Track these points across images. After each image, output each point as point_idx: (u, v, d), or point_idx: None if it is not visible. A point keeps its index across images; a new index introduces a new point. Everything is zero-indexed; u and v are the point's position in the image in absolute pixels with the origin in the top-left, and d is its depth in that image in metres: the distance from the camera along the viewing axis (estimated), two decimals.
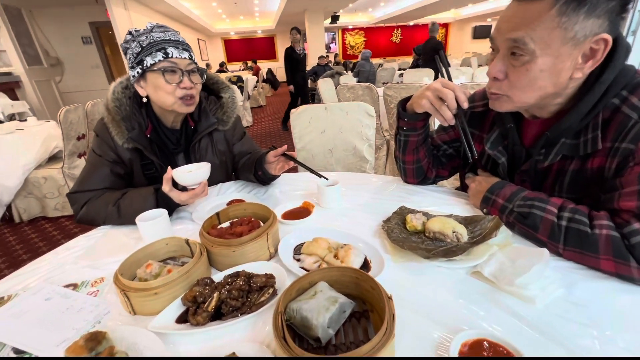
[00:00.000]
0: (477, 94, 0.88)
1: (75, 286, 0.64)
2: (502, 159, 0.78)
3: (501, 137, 0.79)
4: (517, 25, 0.58)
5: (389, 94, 2.51)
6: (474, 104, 0.87)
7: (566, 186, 0.69)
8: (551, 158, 0.68)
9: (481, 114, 0.86)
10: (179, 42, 0.89)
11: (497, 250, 0.61)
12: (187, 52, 0.90)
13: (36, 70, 5.75)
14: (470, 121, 0.88)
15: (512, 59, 0.61)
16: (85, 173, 0.92)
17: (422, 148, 0.91)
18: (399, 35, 16.52)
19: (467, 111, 0.88)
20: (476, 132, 0.87)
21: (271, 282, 0.56)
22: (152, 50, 0.85)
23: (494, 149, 0.79)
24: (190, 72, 0.91)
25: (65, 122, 2.53)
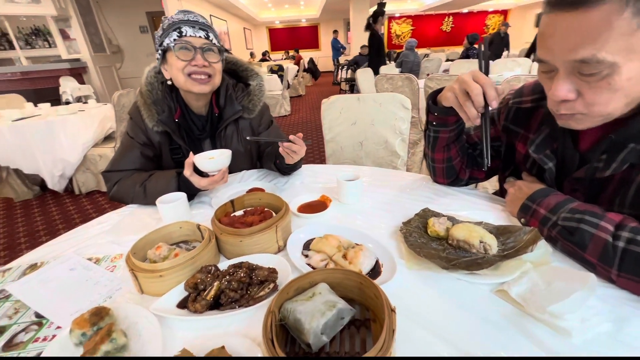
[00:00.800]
0: (525, 88, 0.77)
1: (97, 260, 0.68)
2: (550, 164, 0.67)
3: (550, 139, 0.68)
4: (580, 42, 0.47)
5: (430, 85, 2.35)
6: (521, 98, 0.77)
7: (630, 200, 0.57)
8: (615, 167, 0.56)
9: (528, 111, 0.75)
10: (197, 22, 0.90)
11: (530, 268, 0.53)
12: (204, 31, 0.90)
13: (100, 57, 6.31)
14: (515, 119, 0.78)
15: (582, 77, 0.50)
16: (118, 154, 0.97)
17: (455, 146, 0.82)
18: (450, 23, 15.44)
19: (513, 107, 0.78)
20: (520, 131, 0.77)
21: (273, 277, 0.54)
22: (169, 31, 0.87)
23: (540, 152, 0.68)
24: (205, 50, 0.90)
25: (118, 105, 2.75)
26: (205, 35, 0.90)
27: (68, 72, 5.49)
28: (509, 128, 0.79)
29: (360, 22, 9.94)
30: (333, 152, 1.63)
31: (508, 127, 0.80)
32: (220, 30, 9.48)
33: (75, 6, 5.67)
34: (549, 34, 0.51)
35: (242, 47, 12.24)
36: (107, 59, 6.56)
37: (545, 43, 0.52)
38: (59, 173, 2.77)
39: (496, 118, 0.83)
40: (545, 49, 0.52)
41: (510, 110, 0.78)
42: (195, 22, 0.89)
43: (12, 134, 2.58)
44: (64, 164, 2.76)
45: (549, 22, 0.51)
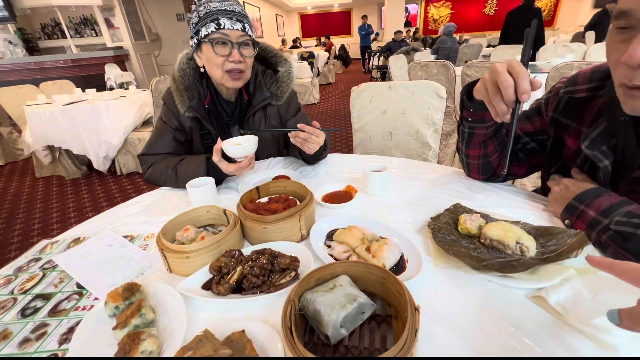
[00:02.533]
0: (581, 75, 0.69)
1: (132, 238, 0.72)
2: (605, 162, 0.60)
3: (608, 135, 0.60)
4: None
5: (468, 73, 2.21)
6: (575, 87, 0.69)
7: None
8: None
9: (583, 102, 0.67)
10: (234, 12, 0.88)
11: (574, 275, 0.48)
12: (241, 22, 0.89)
13: (140, 45, 6.61)
14: (566, 110, 0.70)
15: None
16: (153, 137, 1.01)
17: (492, 142, 0.76)
18: (494, 5, 14.30)
19: (564, 97, 0.70)
20: (572, 124, 0.69)
21: (294, 265, 0.54)
22: (207, 21, 0.86)
23: (595, 148, 0.61)
24: (241, 45, 0.90)
25: (156, 91, 2.87)
26: (242, 27, 0.89)
27: (112, 60, 5.83)
28: (558, 120, 0.72)
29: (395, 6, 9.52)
30: (361, 142, 1.59)
31: (557, 119, 0.72)
32: (253, 17, 9.52)
33: None
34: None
35: (273, 33, 12.24)
36: (146, 46, 6.86)
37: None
38: (103, 154, 2.98)
39: (543, 109, 0.76)
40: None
41: (561, 101, 0.71)
42: (232, 13, 0.88)
43: (63, 117, 2.80)
44: (108, 145, 2.96)
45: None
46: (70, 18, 6.46)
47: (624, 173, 0.59)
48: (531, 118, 0.79)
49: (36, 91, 3.56)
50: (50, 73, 5.06)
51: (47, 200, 2.78)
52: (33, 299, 0.55)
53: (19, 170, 3.63)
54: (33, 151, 3.13)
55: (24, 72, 5.02)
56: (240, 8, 0.92)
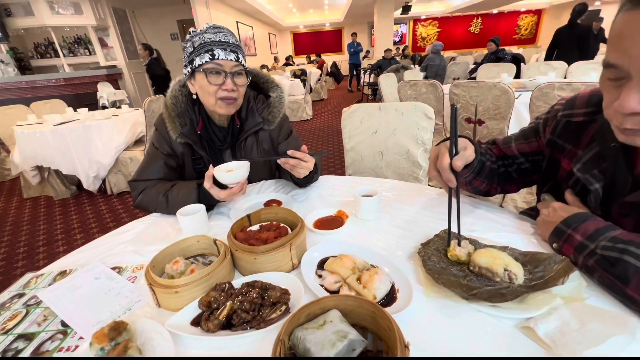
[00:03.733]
0: (579, 99, 0.70)
1: (120, 269, 0.70)
2: (596, 185, 0.62)
3: (599, 159, 0.62)
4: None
5: (455, 92, 2.28)
6: (573, 111, 0.70)
7: None
8: None
9: (579, 125, 0.69)
10: (228, 43, 0.91)
11: (561, 304, 0.49)
12: (235, 53, 0.91)
13: (134, 63, 6.68)
14: (563, 132, 0.72)
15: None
16: (144, 163, 1.01)
17: (478, 179, 0.80)
18: (479, 25, 14.95)
19: (562, 120, 0.72)
20: (568, 147, 0.71)
21: (285, 298, 0.53)
22: (201, 52, 0.89)
23: (587, 171, 0.63)
24: (235, 74, 0.92)
25: (149, 110, 2.88)
26: (236, 57, 0.92)
27: (105, 78, 5.86)
28: (555, 142, 0.73)
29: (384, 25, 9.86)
30: (353, 162, 1.61)
31: (554, 142, 0.74)
32: (246, 36, 9.73)
33: (113, 16, 6.06)
34: (628, 34, 0.44)
35: (266, 51, 12.51)
36: (140, 65, 6.91)
37: (621, 45, 0.45)
38: (93, 174, 2.95)
39: (541, 130, 0.78)
40: (619, 52, 0.46)
41: (559, 123, 0.72)
42: (226, 44, 0.91)
43: (54, 137, 2.78)
44: (98, 165, 2.93)
45: (630, 21, 0.44)
46: (64, 37, 6.52)
47: (615, 197, 0.61)
48: (528, 138, 0.81)
49: (27, 111, 3.54)
50: (42, 92, 5.05)
51: (34, 222, 2.71)
52: (15, 339, 0.53)
53: (5, 190, 3.56)
54: (21, 171, 3.08)
55: (15, 91, 5.01)
56: (235, 39, 0.95)
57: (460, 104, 2.29)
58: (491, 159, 0.83)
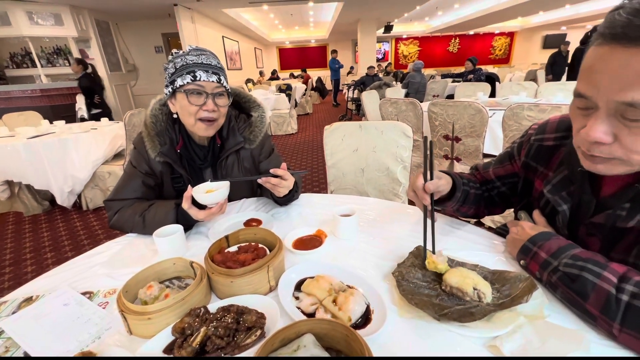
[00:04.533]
0: (549, 125, 0.75)
1: (91, 294, 0.68)
2: (564, 207, 0.65)
3: (568, 181, 0.66)
4: (632, 83, 0.43)
5: (434, 110, 2.37)
6: (544, 135, 0.75)
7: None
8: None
9: (550, 149, 0.73)
10: (210, 65, 0.93)
11: (524, 322, 0.51)
12: (217, 75, 0.93)
13: (116, 75, 6.58)
14: (536, 155, 0.76)
15: (624, 121, 0.46)
16: (121, 182, 0.99)
17: (464, 206, 0.85)
18: (457, 45, 15.74)
19: (535, 144, 0.76)
20: (540, 169, 0.75)
21: (261, 322, 0.53)
22: (183, 73, 0.90)
23: (556, 193, 0.67)
24: (216, 95, 0.94)
25: (129, 124, 2.82)
26: (218, 79, 0.93)
27: None
28: (529, 164, 0.78)
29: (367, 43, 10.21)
30: (335, 178, 1.64)
31: (528, 163, 0.78)
32: (232, 50, 9.82)
33: (95, 28, 5.99)
34: (597, 68, 0.46)
35: (252, 66, 12.63)
36: (122, 77, 6.83)
37: (591, 77, 0.47)
38: (68, 189, 2.84)
39: (516, 153, 0.82)
40: (589, 84, 0.48)
41: (532, 147, 0.77)
42: (208, 66, 0.92)
43: (26, 151, 2.67)
44: (74, 180, 2.83)
45: (600, 56, 0.46)
46: (43, 48, 6.36)
47: (581, 218, 0.64)
48: (503, 162, 0.86)
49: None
50: (17, 103, 4.88)
51: (0, 240, 2.56)
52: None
53: None
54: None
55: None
56: (217, 62, 0.96)
57: (438, 121, 2.38)
58: (475, 185, 0.88)
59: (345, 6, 7.62)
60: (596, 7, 9.64)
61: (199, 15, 7.07)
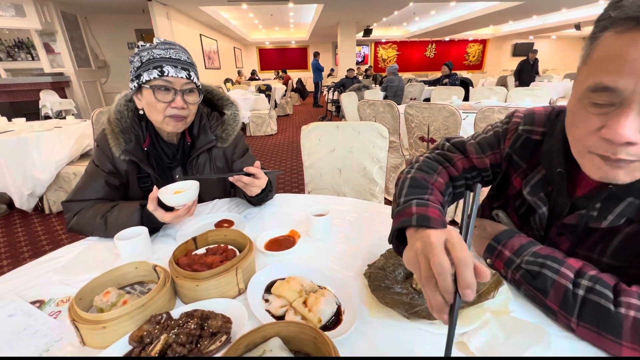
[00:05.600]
0: (537, 116, 0.68)
1: (42, 303, 0.63)
2: (543, 209, 0.63)
3: (545, 182, 0.63)
4: None
5: (410, 112, 2.42)
6: (533, 127, 0.67)
7: (612, 250, 0.56)
8: (612, 219, 0.53)
9: (535, 144, 0.67)
10: (179, 60, 0.88)
11: (490, 318, 0.52)
12: (186, 71, 0.89)
13: (85, 71, 6.25)
14: (521, 149, 0.69)
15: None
16: (82, 183, 0.93)
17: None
18: (433, 50, 16.24)
19: (523, 135, 0.68)
20: (522, 165, 0.69)
21: (226, 327, 0.51)
22: (149, 67, 0.85)
23: (535, 195, 0.64)
24: (185, 92, 0.90)
25: (97, 122, 2.68)
26: (187, 74, 0.88)
27: (50, 86, 5.40)
28: (511, 157, 0.71)
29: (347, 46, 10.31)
30: (312, 179, 1.62)
31: (511, 157, 0.70)
32: (210, 49, 9.60)
33: (61, 21, 5.66)
34: (636, 56, 0.40)
35: (231, 65, 12.40)
36: (92, 73, 6.50)
37: (626, 66, 0.41)
38: (28, 191, 2.65)
39: (502, 142, 0.72)
40: (622, 73, 0.41)
41: (519, 138, 0.69)
42: (177, 61, 0.87)
43: None
44: (35, 182, 2.64)
45: (631, 42, 0.40)
46: (2, 40, 5.93)
47: (554, 219, 0.64)
48: (494, 149, 0.73)
49: None
50: None
51: None
52: None
53: None
54: None
55: None
56: (187, 56, 0.91)
57: (414, 123, 2.43)
58: (448, 191, 0.72)
59: (325, 8, 7.66)
60: (560, 18, 10.26)
61: (175, 12, 6.85)
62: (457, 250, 0.42)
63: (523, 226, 0.70)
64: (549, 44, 14.70)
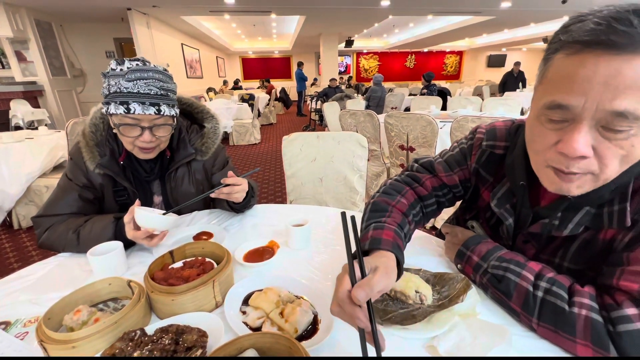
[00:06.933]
0: (499, 131, 0.71)
1: (8, 325, 0.60)
2: (510, 220, 0.66)
3: (510, 194, 0.66)
4: (625, 91, 0.40)
5: (389, 122, 2.49)
6: (495, 142, 0.70)
7: (571, 255, 0.60)
8: (572, 228, 0.56)
9: (499, 158, 0.70)
10: (149, 95, 0.83)
11: (459, 321, 0.55)
12: (155, 106, 0.84)
13: (59, 80, 6.04)
14: (487, 164, 0.72)
15: (606, 132, 0.44)
16: (54, 197, 0.90)
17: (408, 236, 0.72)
18: (413, 60, 16.78)
19: (487, 150, 0.71)
20: (490, 179, 0.72)
21: (202, 341, 0.51)
22: (116, 101, 0.81)
23: (501, 206, 0.67)
24: (154, 127, 0.86)
25: (72, 133, 2.59)
26: (157, 110, 0.84)
27: (21, 95, 5.19)
28: (479, 172, 0.73)
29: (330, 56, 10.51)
30: (294, 188, 1.64)
31: (478, 171, 0.73)
32: (192, 58, 9.53)
33: (35, 29, 5.48)
34: (584, 77, 0.42)
35: (214, 74, 12.34)
36: (67, 82, 6.29)
37: (575, 85, 0.43)
38: None
39: (468, 158, 0.75)
40: (573, 93, 0.44)
41: (484, 153, 0.72)
42: (146, 96, 0.82)
43: None
44: (3, 196, 2.51)
45: (583, 64, 0.43)
46: None
47: (520, 228, 0.67)
48: (461, 165, 0.76)
49: None
50: None
51: None
52: None
53: None
54: None
55: None
56: (159, 86, 0.85)
57: (394, 132, 2.50)
58: (417, 209, 0.75)
59: (307, 20, 7.81)
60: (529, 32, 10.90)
61: (155, 21, 6.79)
62: (359, 294, 0.44)
63: (494, 236, 0.73)
64: (520, 55, 15.50)
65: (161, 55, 6.99)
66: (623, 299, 0.48)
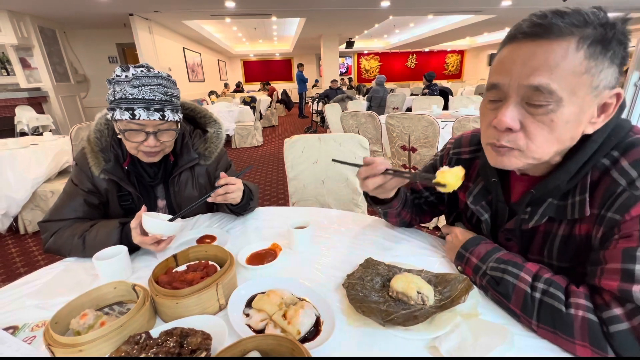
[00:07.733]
0: (464, 139, 0.81)
1: (16, 329, 0.61)
2: (485, 216, 0.71)
3: (485, 191, 0.72)
4: (538, 68, 0.49)
5: (391, 122, 2.49)
6: (460, 149, 0.80)
7: (556, 252, 0.61)
8: (536, 219, 0.60)
9: (467, 162, 0.78)
10: (153, 101, 0.84)
11: (461, 321, 0.55)
12: (160, 112, 0.85)
13: (63, 86, 6.11)
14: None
15: (530, 108, 0.51)
16: (60, 202, 0.92)
17: (404, 210, 0.88)
18: (414, 60, 16.75)
19: (453, 157, 0.81)
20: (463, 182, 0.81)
21: (206, 344, 0.52)
22: (121, 107, 0.82)
23: (477, 203, 0.72)
24: (159, 132, 0.88)
25: (76, 139, 2.62)
26: (161, 115, 0.85)
27: (26, 102, 5.26)
28: None
29: (331, 58, 10.53)
30: (296, 190, 1.64)
31: None
32: (194, 62, 9.59)
33: (39, 36, 5.55)
34: (508, 60, 0.52)
35: (216, 78, 12.41)
36: (70, 88, 6.36)
37: (503, 67, 0.53)
38: (2, 212, 2.54)
39: (439, 165, 0.86)
40: (501, 73, 0.53)
41: (451, 160, 0.82)
42: (151, 102, 0.83)
43: None
44: (9, 201, 2.54)
45: (511, 50, 0.53)
46: None
47: (499, 225, 0.70)
48: (428, 173, 0.88)
49: None
50: None
51: None
52: None
53: None
54: None
55: None
56: (163, 92, 0.86)
57: (395, 133, 2.50)
58: (407, 192, 0.90)
59: (308, 22, 7.83)
60: None
61: (157, 26, 6.85)
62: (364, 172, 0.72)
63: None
64: None
65: (163, 60, 7.05)
66: (609, 299, 0.49)
